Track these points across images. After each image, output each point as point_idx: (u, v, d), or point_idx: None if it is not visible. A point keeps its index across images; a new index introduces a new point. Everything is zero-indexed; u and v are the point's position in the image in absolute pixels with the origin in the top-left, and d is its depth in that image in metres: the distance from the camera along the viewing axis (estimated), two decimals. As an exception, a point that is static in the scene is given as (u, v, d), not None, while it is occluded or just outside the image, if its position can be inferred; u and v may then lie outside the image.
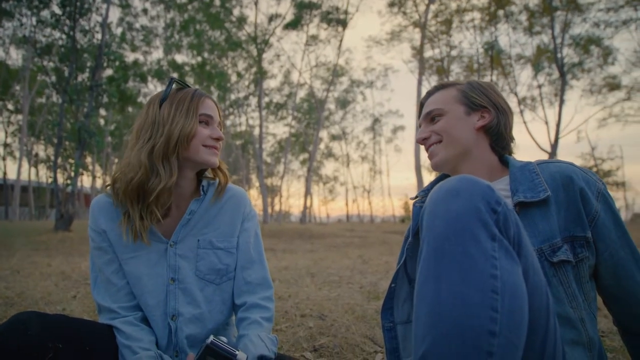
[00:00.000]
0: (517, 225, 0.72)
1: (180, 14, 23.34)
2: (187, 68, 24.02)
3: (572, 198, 0.98)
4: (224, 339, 0.99)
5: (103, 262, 1.14)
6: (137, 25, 25.04)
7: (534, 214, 0.99)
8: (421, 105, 1.24)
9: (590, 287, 1.00)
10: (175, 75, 23.60)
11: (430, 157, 1.18)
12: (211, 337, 0.95)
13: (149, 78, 23.47)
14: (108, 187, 1.16)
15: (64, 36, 11.81)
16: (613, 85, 22.69)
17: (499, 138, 1.14)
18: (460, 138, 1.12)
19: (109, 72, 16.72)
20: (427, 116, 1.18)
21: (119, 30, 23.88)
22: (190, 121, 1.09)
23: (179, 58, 26.83)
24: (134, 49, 24.84)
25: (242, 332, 1.12)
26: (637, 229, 21.02)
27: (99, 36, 12.19)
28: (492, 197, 0.70)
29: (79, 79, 12.42)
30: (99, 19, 12.45)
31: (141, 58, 25.41)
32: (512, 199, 1.02)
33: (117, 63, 15.18)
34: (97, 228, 1.14)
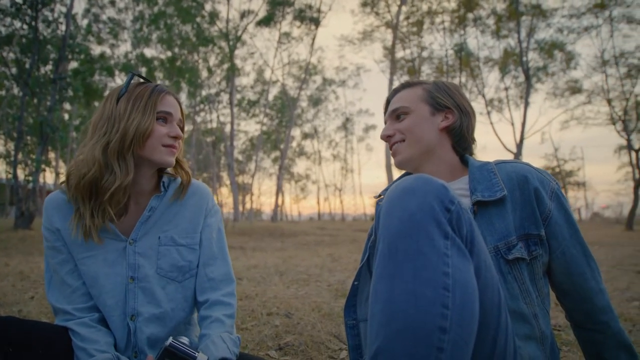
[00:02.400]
0: (470, 223, 0.74)
1: (149, 7, 22.76)
2: (156, 63, 23.47)
3: (527, 197, 1.01)
4: (184, 339, 0.97)
5: (57, 262, 1.10)
6: (104, 17, 24.26)
7: (491, 213, 1.01)
8: (387, 102, 1.25)
9: (544, 284, 1.04)
10: (143, 70, 23.09)
11: (394, 155, 1.20)
12: (170, 339, 0.93)
13: (117, 72, 22.78)
14: (63, 184, 1.12)
15: (25, 26, 11.32)
16: (575, 89, 23.57)
17: (461, 139, 1.16)
18: (424, 137, 1.14)
19: (74, 65, 16.15)
20: (393, 114, 1.19)
21: (84, 22, 23.10)
22: (147, 118, 1.05)
23: (148, 52, 26.23)
24: (100, 41, 24.05)
25: (204, 332, 1.10)
26: (596, 227, 21.96)
27: (63, 27, 11.78)
28: (446, 196, 0.71)
29: (42, 71, 11.96)
30: (63, 9, 12.02)
31: (108, 51, 24.66)
32: (470, 198, 1.04)
33: (82, 56, 14.68)
34: (51, 226, 1.10)
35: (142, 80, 1.13)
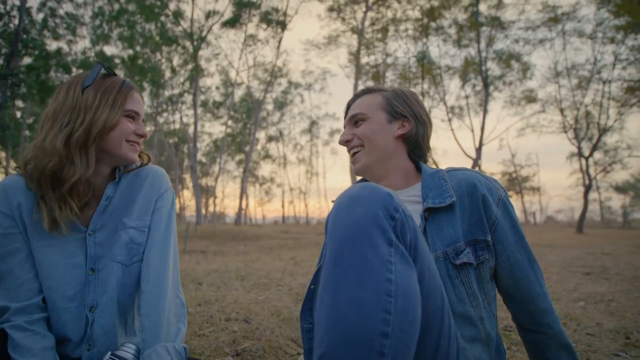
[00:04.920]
0: (415, 231, 0.76)
1: (109, 3, 22.09)
2: (117, 60, 22.78)
3: (475, 204, 1.05)
4: (129, 348, 0.95)
5: (8, 250, 1.03)
6: (61, 12, 23.31)
7: (441, 219, 1.05)
8: (348, 106, 1.27)
9: (491, 287, 1.08)
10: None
11: (353, 162, 1.22)
12: (108, 354, 0.93)
13: (74, 69, 21.92)
14: (17, 169, 1.07)
15: (-27, 19, 10.76)
16: (530, 98, 24.70)
17: (416, 147, 1.19)
18: (381, 145, 1.16)
19: (27, 60, 15.42)
20: (351, 119, 1.21)
21: (40, 16, 22.11)
22: (115, 113, 1.04)
23: (108, 50, 25.40)
24: (56, 37, 23.10)
25: (141, 335, 1.06)
26: (549, 230, 22.96)
27: (16, 21, 11.23)
28: (390, 204, 0.73)
29: (-9, 66, 11.38)
30: (17, 1, 11.48)
31: (65, 47, 23.70)
32: (422, 205, 1.07)
33: (36, 51, 14.07)
34: (10, 210, 1.03)
35: (106, 72, 1.11)
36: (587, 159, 20.86)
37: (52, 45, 21.64)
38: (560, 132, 23.46)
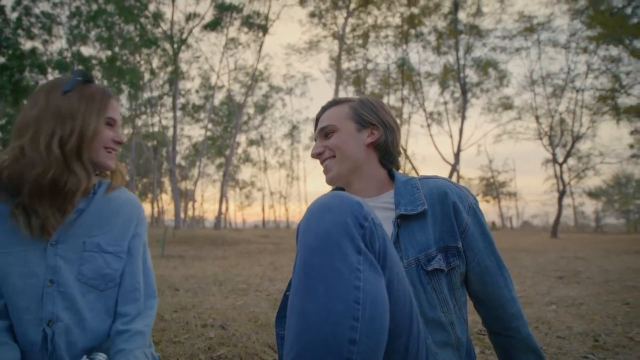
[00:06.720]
0: (384, 239, 0.78)
1: (87, 3, 21.68)
2: (94, 61, 22.36)
3: (446, 211, 1.08)
4: (101, 357, 0.94)
5: None
6: (37, 11, 22.77)
7: (413, 226, 1.07)
8: (317, 119, 1.28)
9: (461, 293, 1.10)
10: (81, 67, 21.94)
11: (325, 172, 1.23)
12: (84, 357, 0.90)
13: (49, 69, 21.42)
14: None
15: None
16: (507, 105, 25.24)
17: (386, 153, 1.22)
18: (352, 154, 1.18)
19: (1, 60, 15.04)
20: (322, 132, 1.23)
21: (14, 15, 21.56)
22: (100, 121, 1.05)
23: (86, 50, 24.90)
24: (32, 36, 22.55)
25: (123, 346, 1.04)
26: (525, 234, 23.44)
27: (-12, 20, 10.94)
28: (360, 212, 0.75)
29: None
30: (-10, 0, 11.19)
31: (40, 47, 23.13)
32: (395, 212, 1.09)
33: (10, 51, 13.72)
34: None
35: (84, 79, 1.10)
36: (561, 165, 21.41)
37: (27, 45, 21.10)
38: (536, 139, 24.01)
